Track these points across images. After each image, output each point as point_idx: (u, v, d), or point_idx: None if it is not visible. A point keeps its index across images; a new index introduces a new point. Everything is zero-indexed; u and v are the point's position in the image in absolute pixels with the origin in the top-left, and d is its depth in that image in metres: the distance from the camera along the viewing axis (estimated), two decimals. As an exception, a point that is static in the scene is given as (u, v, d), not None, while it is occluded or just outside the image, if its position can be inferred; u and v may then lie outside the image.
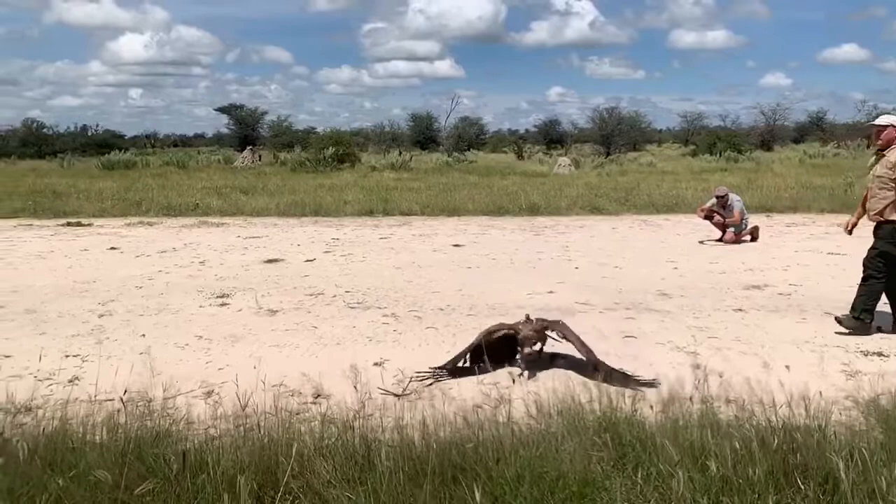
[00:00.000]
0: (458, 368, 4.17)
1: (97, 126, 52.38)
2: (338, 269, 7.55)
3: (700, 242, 9.29)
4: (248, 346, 4.74)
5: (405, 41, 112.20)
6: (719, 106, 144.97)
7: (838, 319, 4.97)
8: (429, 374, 4.10)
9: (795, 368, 4.18)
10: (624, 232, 10.47)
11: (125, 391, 3.44)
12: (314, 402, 3.71)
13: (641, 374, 4.06)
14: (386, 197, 14.12)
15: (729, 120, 48.14)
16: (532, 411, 3.34)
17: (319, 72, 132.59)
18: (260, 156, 28.89)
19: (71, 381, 4.05)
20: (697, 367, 4.22)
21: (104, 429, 3.05)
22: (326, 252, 8.69)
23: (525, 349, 4.23)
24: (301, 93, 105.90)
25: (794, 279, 6.84)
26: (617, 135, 39.85)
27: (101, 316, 5.57)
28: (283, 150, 33.77)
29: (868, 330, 4.89)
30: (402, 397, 3.75)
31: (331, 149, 24.69)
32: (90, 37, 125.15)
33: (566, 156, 28.16)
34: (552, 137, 47.93)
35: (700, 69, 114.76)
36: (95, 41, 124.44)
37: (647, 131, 45.72)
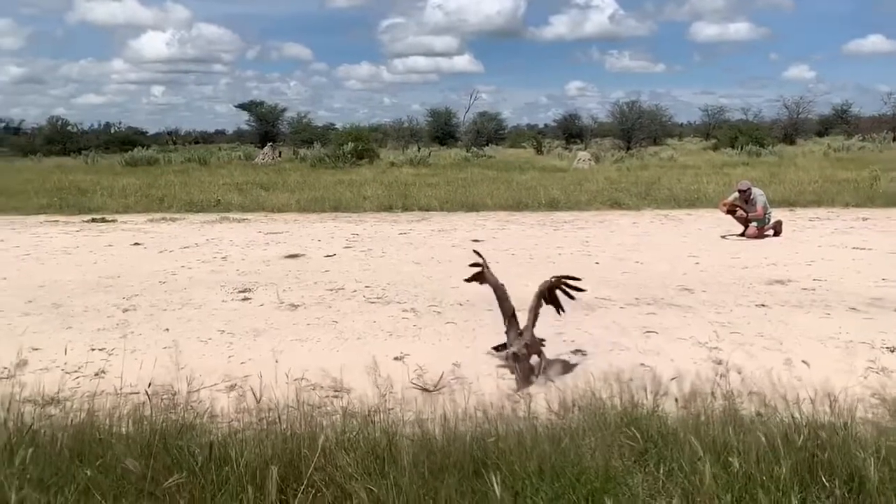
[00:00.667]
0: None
1: (120, 123, 53.20)
2: (358, 265, 7.58)
3: (722, 237, 9.20)
4: (269, 340, 4.78)
5: (423, 37, 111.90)
6: (741, 99, 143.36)
7: None
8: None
9: (820, 365, 4.14)
10: (645, 227, 10.39)
11: (150, 384, 3.50)
12: (335, 396, 3.73)
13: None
14: (405, 192, 14.15)
15: (751, 113, 47.60)
16: (553, 406, 3.34)
17: (338, 68, 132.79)
18: (280, 152, 29.09)
19: (97, 374, 4.11)
20: (719, 362, 4.20)
21: (130, 421, 3.11)
22: (346, 247, 8.73)
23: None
24: (320, 89, 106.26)
25: (818, 274, 6.75)
26: (637, 129, 39.51)
27: (125, 310, 5.65)
28: (302, 146, 34.00)
29: None
30: (433, 392, 3.76)
31: (350, 145, 24.81)
32: (113, 35, 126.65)
33: (586, 150, 28.00)
34: (571, 132, 47.64)
35: (721, 62, 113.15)
36: (118, 39, 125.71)
37: (668, 125, 45.25)
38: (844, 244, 8.47)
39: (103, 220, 11.56)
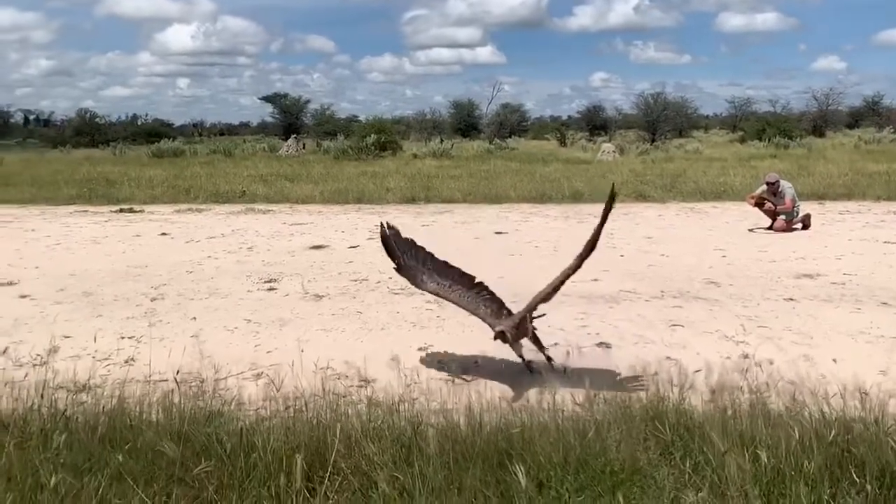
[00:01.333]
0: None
1: (147, 115, 53.95)
2: (381, 256, 7.56)
3: (749, 230, 9.07)
4: (295, 329, 4.83)
5: (446, 28, 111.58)
6: (768, 91, 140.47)
7: None
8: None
9: (850, 359, 4.07)
10: (670, 219, 10.28)
11: (178, 372, 3.55)
12: (360, 386, 3.76)
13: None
14: (427, 185, 14.15)
15: (779, 105, 46.77)
16: (577, 398, 3.33)
17: (361, 60, 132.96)
18: (304, 144, 29.24)
19: (127, 361, 4.19)
20: (746, 356, 4.16)
21: (159, 408, 3.16)
22: (370, 239, 8.75)
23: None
24: (343, 81, 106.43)
25: (848, 268, 6.63)
26: (662, 121, 39.06)
27: (153, 299, 5.74)
28: (326, 138, 34.11)
29: None
30: (469, 381, 3.76)
31: (373, 137, 24.84)
32: (139, 28, 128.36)
33: (610, 142, 27.75)
34: (595, 124, 47.20)
35: (749, 53, 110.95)
36: (144, 32, 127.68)
37: (694, 117, 44.64)
38: (875, 238, 8.31)
39: (131, 211, 11.74)
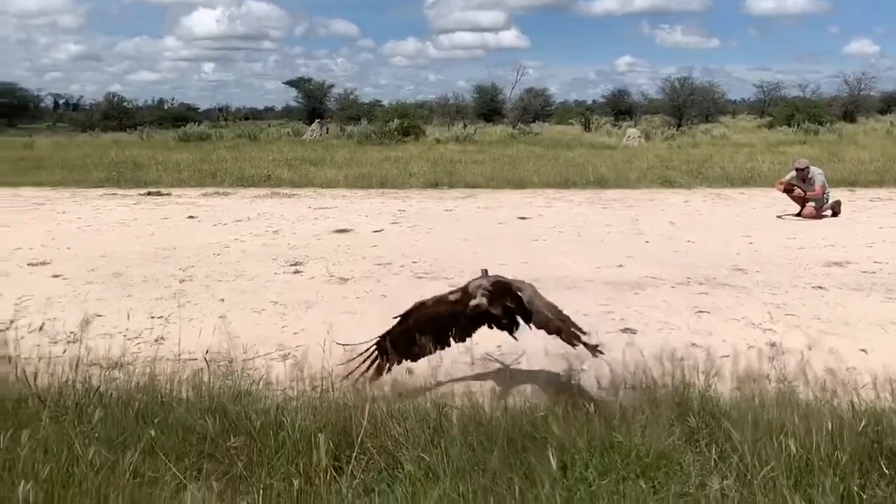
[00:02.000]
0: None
1: (173, 100, 54.44)
2: (405, 240, 7.64)
3: (777, 217, 8.93)
4: (320, 312, 4.88)
5: (470, 12, 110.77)
6: (798, 75, 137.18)
7: None
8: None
9: (880, 350, 4.01)
10: (696, 205, 10.16)
11: (207, 351, 3.62)
12: (385, 368, 3.78)
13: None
14: (451, 169, 14.13)
15: (809, 90, 45.68)
16: (603, 383, 3.32)
17: (385, 44, 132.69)
18: (327, 129, 29.33)
19: (157, 340, 4.27)
20: (774, 344, 4.11)
21: (189, 386, 3.23)
22: (393, 223, 8.80)
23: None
24: (367, 66, 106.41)
25: (879, 256, 6.51)
26: (689, 106, 38.45)
27: (182, 281, 5.83)
28: (349, 122, 34.14)
29: None
30: (509, 367, 3.78)
31: (396, 121, 24.82)
32: (166, 13, 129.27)
33: (635, 127, 27.42)
34: (621, 109, 46.63)
35: (778, 36, 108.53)
36: (170, 17, 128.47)
37: (721, 102, 43.84)
38: (908, 226, 8.14)
39: (159, 194, 11.90)
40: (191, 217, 9.44)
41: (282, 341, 4.27)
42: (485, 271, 3.61)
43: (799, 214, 8.89)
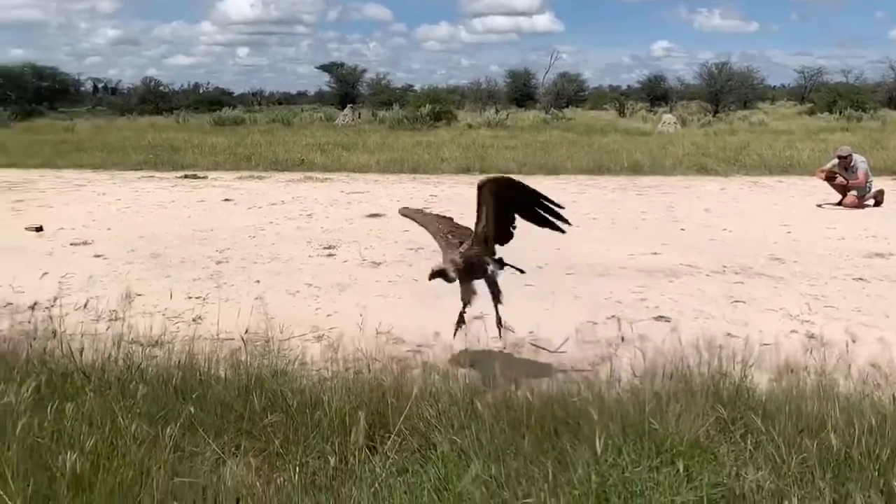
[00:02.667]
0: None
1: (208, 84, 55.02)
2: (437, 225, 7.64)
3: (817, 206, 8.73)
4: (354, 294, 4.93)
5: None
6: (841, 61, 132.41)
7: None
8: None
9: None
10: (733, 193, 9.98)
11: (246, 331, 3.69)
12: (417, 351, 3.83)
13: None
14: (482, 155, 14.08)
15: (852, 76, 44.36)
16: (637, 371, 3.31)
17: (417, 29, 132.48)
18: (359, 113, 29.43)
19: (194, 320, 4.36)
20: (812, 336, 4.04)
21: (227, 365, 3.29)
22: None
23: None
24: (399, 50, 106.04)
25: (924, 248, 6.33)
26: (726, 91, 37.68)
27: (218, 262, 5.94)
28: (381, 107, 34.22)
29: None
30: (554, 353, 3.80)
31: (428, 107, 24.80)
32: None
33: (671, 113, 26.97)
34: (656, 94, 45.85)
35: (820, 20, 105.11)
36: (206, 2, 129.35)
37: (760, 88, 42.83)
38: (956, 217, 7.89)
39: (195, 177, 12.10)
40: (226, 200, 9.58)
41: (316, 323, 4.33)
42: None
43: (840, 203, 8.67)
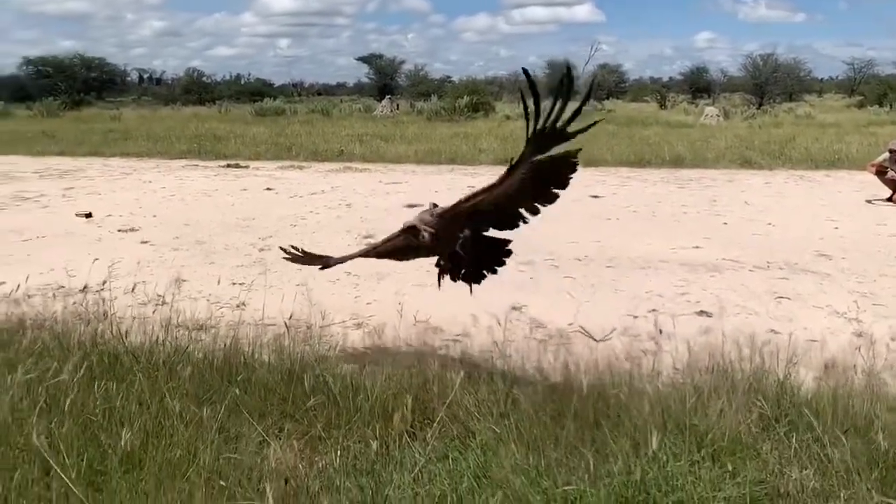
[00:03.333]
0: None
1: (249, 75, 55.70)
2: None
3: (867, 202, 8.46)
4: (393, 283, 4.97)
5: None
6: (892, 52, 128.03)
7: None
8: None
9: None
10: (778, 187, 9.75)
11: (291, 316, 3.75)
12: (456, 340, 3.85)
13: None
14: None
15: (904, 68, 42.77)
16: (678, 365, 3.27)
17: (456, 20, 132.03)
18: (397, 105, 29.51)
19: (238, 306, 4.46)
20: (860, 335, 3.94)
21: (270, 349, 3.36)
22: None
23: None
24: (437, 41, 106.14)
25: (981, 246, 6.10)
26: (772, 84, 36.69)
27: (261, 250, 6.05)
28: (419, 98, 34.25)
29: None
30: (601, 342, 3.80)
31: (465, 98, 24.74)
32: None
33: (713, 105, 26.41)
34: (698, 86, 44.91)
35: (870, 10, 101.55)
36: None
37: (807, 80, 41.54)
38: None
39: (237, 166, 12.31)
40: (268, 189, 9.73)
41: (356, 310, 4.39)
42: (433, 204, 3.33)
43: (891, 199, 8.40)
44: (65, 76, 41.25)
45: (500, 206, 3.06)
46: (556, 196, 2.94)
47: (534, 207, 3.06)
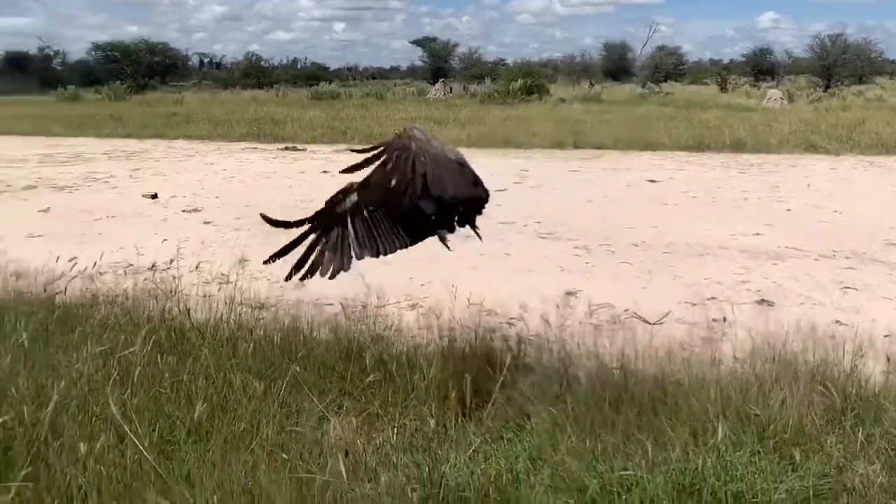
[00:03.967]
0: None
1: (305, 59, 56.34)
2: (528, 200, 7.60)
3: (944, 189, 8.07)
4: (446, 266, 4.98)
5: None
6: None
7: None
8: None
9: None
10: (845, 173, 9.36)
11: (346, 298, 3.83)
12: (510, 323, 3.86)
13: None
14: (575, 129, 13.81)
15: None
16: (739, 354, 3.21)
17: (510, 2, 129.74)
18: (451, 88, 29.45)
19: (297, 286, 4.55)
20: (934, 328, 3.77)
21: (328, 328, 3.44)
22: (516, 183, 8.77)
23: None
24: (492, 24, 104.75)
25: None
26: (840, 65, 35.08)
27: (317, 231, 6.16)
28: (473, 81, 34.11)
29: None
30: (655, 325, 3.78)
31: (519, 81, 24.51)
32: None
33: (777, 88, 25.45)
34: (761, 68, 43.31)
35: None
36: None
37: (878, 62, 39.48)
38: None
39: (295, 149, 12.54)
40: (325, 172, 9.87)
41: (410, 291, 4.44)
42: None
43: (970, 187, 7.98)
44: (131, 61, 42.61)
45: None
46: None
47: None
